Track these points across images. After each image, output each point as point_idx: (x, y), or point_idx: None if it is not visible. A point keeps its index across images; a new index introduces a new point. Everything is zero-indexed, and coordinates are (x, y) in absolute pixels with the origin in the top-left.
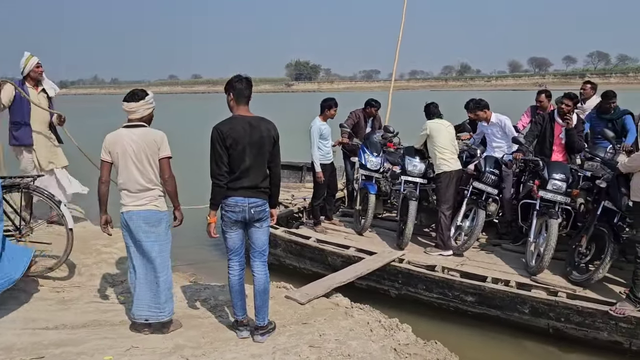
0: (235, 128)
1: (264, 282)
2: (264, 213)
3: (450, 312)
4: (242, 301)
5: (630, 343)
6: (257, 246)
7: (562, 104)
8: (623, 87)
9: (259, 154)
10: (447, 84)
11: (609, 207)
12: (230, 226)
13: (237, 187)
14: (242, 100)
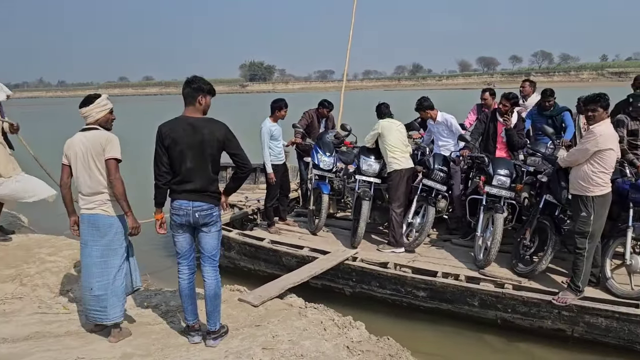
0: (175, 128)
1: (215, 288)
2: (210, 218)
3: (403, 308)
4: (192, 305)
5: (573, 330)
6: (206, 251)
7: (501, 104)
8: (566, 85)
9: (200, 157)
10: (400, 84)
11: (551, 201)
12: (177, 229)
13: (180, 190)
14: (187, 101)
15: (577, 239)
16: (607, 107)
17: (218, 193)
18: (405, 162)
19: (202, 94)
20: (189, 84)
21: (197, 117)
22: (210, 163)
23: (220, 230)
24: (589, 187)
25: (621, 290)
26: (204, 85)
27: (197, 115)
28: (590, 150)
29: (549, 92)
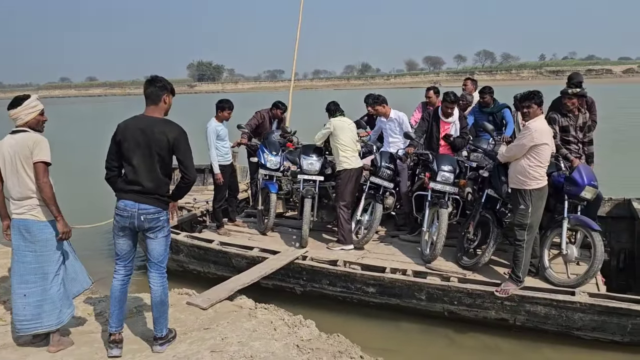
0: (129, 126)
1: (161, 294)
2: (156, 222)
3: (354, 304)
4: (119, 311)
5: (515, 319)
6: (152, 257)
7: (444, 105)
8: (507, 84)
9: (148, 157)
10: (349, 83)
11: (492, 195)
12: (118, 231)
13: (128, 189)
14: (150, 101)
15: (516, 231)
16: (540, 104)
17: (168, 197)
18: (355, 161)
19: (167, 93)
20: (153, 82)
21: (156, 117)
22: (158, 164)
23: (168, 235)
24: (527, 180)
25: (558, 279)
26: (167, 84)
27: (157, 115)
28: (526, 145)
29: (486, 89)
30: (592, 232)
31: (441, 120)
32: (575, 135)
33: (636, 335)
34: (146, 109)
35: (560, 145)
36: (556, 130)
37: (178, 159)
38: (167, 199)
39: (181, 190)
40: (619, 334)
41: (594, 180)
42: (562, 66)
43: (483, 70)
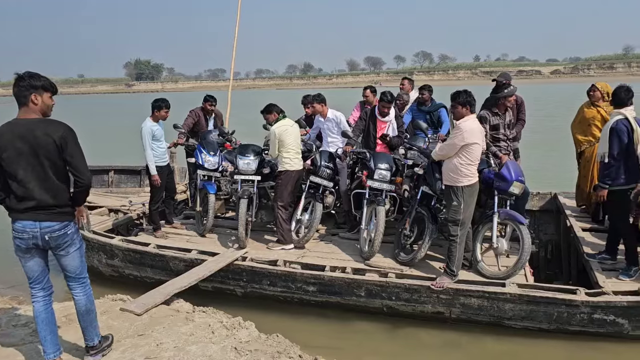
0: (4, 135)
1: (86, 303)
2: (64, 238)
3: (295, 304)
4: (52, 335)
5: (450, 312)
6: (69, 272)
7: (380, 105)
8: (444, 84)
9: (37, 165)
10: (292, 82)
11: (427, 192)
12: (23, 254)
13: (22, 208)
14: (20, 102)
15: (450, 227)
16: (465, 104)
17: (71, 206)
18: (297, 163)
19: (35, 92)
20: (17, 81)
21: (30, 118)
22: (51, 170)
23: (81, 246)
24: (459, 178)
25: (490, 271)
26: (35, 81)
27: (31, 116)
28: (457, 144)
29: (426, 87)
30: (520, 225)
31: (378, 119)
32: (504, 133)
33: (561, 322)
34: (19, 111)
35: (490, 143)
36: (487, 128)
37: (66, 160)
38: (70, 208)
39: (78, 197)
40: (546, 322)
41: (521, 175)
42: (495, 67)
43: (421, 71)
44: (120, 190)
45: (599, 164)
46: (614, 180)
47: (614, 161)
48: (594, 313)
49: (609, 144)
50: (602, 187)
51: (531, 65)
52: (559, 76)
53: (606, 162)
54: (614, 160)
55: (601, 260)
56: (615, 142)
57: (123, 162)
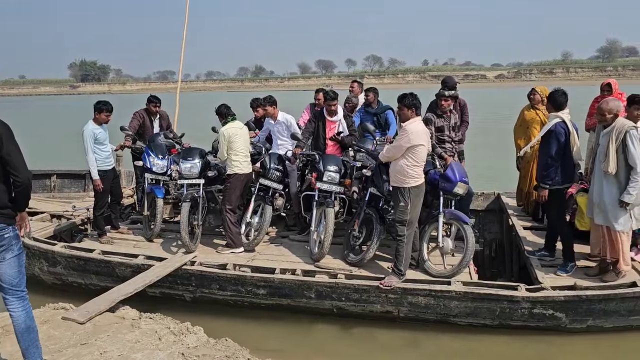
0: None
1: (25, 320)
2: (0, 241)
3: (245, 307)
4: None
5: (399, 311)
6: (4, 282)
7: (326, 104)
8: (394, 87)
9: None
10: (243, 85)
11: (375, 193)
12: None
13: None
14: None
15: (397, 227)
16: (410, 106)
17: (11, 209)
18: (246, 166)
19: None
20: None
21: None
22: None
23: (20, 254)
24: (405, 179)
25: (436, 270)
26: None
27: None
28: (403, 146)
29: (371, 89)
30: (464, 225)
31: (327, 119)
32: (449, 135)
33: (504, 318)
34: None
35: (435, 145)
36: (432, 130)
37: (3, 158)
38: (9, 210)
39: (19, 198)
40: (490, 318)
41: (465, 176)
42: (442, 71)
43: (372, 74)
44: (63, 195)
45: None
46: (553, 180)
47: (553, 162)
48: (533, 308)
49: (548, 146)
50: (543, 188)
51: (477, 70)
52: (503, 80)
53: (546, 163)
54: (552, 161)
55: (541, 257)
56: (554, 143)
57: (67, 166)
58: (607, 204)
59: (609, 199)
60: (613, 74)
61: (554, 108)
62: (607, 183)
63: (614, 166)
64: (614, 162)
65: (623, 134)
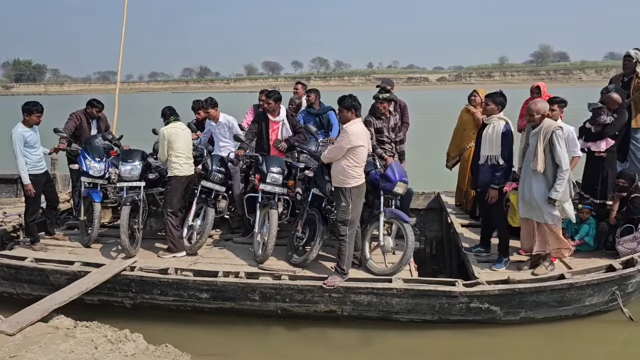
0: None
1: None
2: None
3: (188, 312)
4: None
5: (342, 310)
6: None
7: (264, 102)
8: (340, 89)
9: None
10: (188, 86)
11: (317, 194)
12: None
13: None
14: None
15: (339, 227)
16: (350, 108)
17: None
18: (188, 168)
19: None
20: None
21: None
22: None
23: None
24: (346, 179)
25: (378, 268)
26: None
27: None
28: (344, 147)
29: (312, 90)
30: (404, 223)
31: (270, 120)
32: (388, 136)
33: (443, 313)
34: None
35: (376, 146)
36: (372, 131)
37: None
38: None
39: None
40: (430, 314)
41: (405, 176)
42: (387, 74)
43: (318, 76)
44: None
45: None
46: (501, 181)
47: (506, 163)
48: (470, 302)
49: (502, 147)
50: (494, 189)
51: (419, 73)
52: (445, 83)
53: (499, 165)
54: (505, 163)
55: (477, 253)
56: (507, 145)
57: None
58: (537, 201)
59: (539, 196)
60: (545, 77)
61: (500, 109)
62: (536, 181)
63: (542, 165)
64: (542, 160)
65: (550, 134)
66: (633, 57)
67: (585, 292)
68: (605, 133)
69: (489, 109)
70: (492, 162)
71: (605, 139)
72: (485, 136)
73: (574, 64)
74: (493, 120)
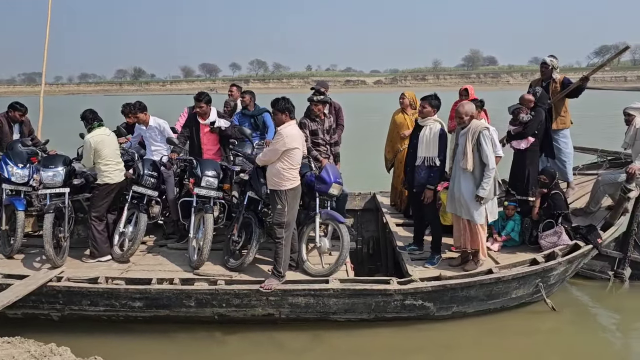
0: None
1: None
2: None
3: (120, 322)
4: None
5: (280, 312)
6: None
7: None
8: (279, 92)
9: None
10: (122, 88)
11: (253, 197)
12: None
13: None
14: None
15: (275, 230)
16: (284, 110)
17: None
18: (118, 175)
19: None
20: None
21: None
22: None
23: None
24: (282, 182)
25: (315, 269)
26: None
27: None
28: (279, 150)
29: (247, 92)
30: (339, 224)
31: (200, 123)
32: (323, 138)
33: (379, 311)
34: None
35: (311, 148)
36: (307, 134)
37: None
38: None
39: None
40: (366, 313)
41: (339, 178)
42: (325, 77)
43: (257, 79)
44: None
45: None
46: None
47: (441, 164)
48: (405, 299)
49: (439, 149)
50: (430, 189)
51: (357, 76)
52: (381, 86)
53: (435, 166)
54: (441, 164)
55: (411, 252)
56: (443, 146)
57: None
58: (466, 199)
59: (467, 194)
60: (476, 80)
61: (435, 111)
62: (465, 179)
63: (471, 164)
64: (471, 160)
65: (477, 134)
66: (549, 64)
67: (512, 285)
68: (526, 132)
69: (426, 112)
70: (429, 164)
71: (527, 137)
72: (422, 138)
73: (502, 67)
74: (429, 123)
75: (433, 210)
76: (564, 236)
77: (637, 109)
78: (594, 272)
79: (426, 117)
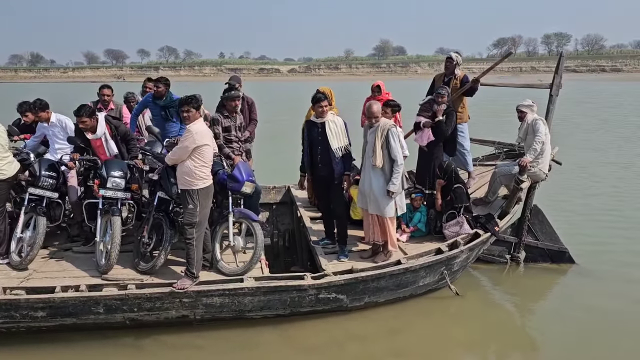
0: None
1: None
2: None
3: (22, 334)
4: None
5: (195, 314)
6: None
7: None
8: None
9: None
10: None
11: (163, 197)
12: None
13: None
14: None
15: (186, 230)
16: (198, 108)
17: None
18: (11, 171)
19: None
20: None
21: None
22: None
23: None
24: (194, 181)
25: (229, 269)
26: None
27: None
28: (189, 147)
29: (162, 79)
30: (252, 222)
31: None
32: (236, 135)
33: (294, 306)
34: None
35: (222, 145)
36: (219, 130)
37: None
38: None
39: None
40: (282, 308)
41: (252, 175)
42: (238, 64)
43: (167, 66)
44: None
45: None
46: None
47: None
48: (319, 293)
49: (347, 136)
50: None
51: (271, 64)
52: (295, 74)
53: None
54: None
55: (324, 246)
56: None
57: None
58: (376, 194)
59: (377, 189)
60: (387, 70)
61: (330, 108)
62: (375, 175)
63: (381, 160)
64: (381, 156)
65: (386, 131)
66: (454, 59)
67: (419, 274)
68: (444, 134)
69: (327, 109)
70: (343, 152)
71: (427, 134)
72: (329, 133)
73: (410, 57)
74: (328, 117)
75: (342, 200)
76: (465, 226)
77: (529, 106)
78: (494, 256)
79: (322, 116)
